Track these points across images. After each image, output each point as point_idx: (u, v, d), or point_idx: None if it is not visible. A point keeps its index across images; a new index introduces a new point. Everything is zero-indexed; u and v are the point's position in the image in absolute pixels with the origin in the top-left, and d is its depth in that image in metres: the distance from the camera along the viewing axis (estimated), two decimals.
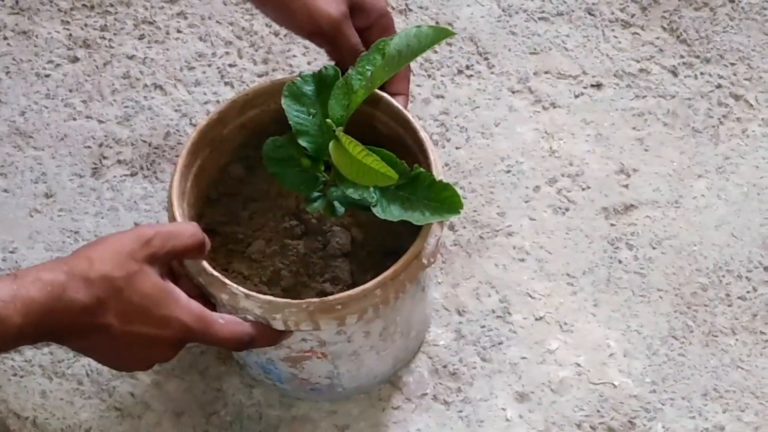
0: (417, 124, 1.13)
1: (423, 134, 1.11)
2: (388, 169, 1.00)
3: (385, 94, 1.14)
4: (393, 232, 1.13)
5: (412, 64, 1.40)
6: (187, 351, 1.24)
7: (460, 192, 1.24)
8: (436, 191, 1.05)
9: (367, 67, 1.04)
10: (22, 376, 1.24)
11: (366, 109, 1.12)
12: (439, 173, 1.08)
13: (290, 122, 1.06)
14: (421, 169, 1.05)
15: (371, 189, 1.04)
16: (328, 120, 1.03)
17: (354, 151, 1.00)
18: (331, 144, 1.02)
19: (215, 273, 1.05)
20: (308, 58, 1.43)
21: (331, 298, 1.04)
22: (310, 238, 1.14)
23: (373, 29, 1.18)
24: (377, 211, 1.04)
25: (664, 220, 1.32)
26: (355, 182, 1.03)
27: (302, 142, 1.06)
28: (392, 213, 1.04)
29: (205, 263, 1.05)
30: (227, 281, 1.04)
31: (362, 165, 1.00)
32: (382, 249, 1.14)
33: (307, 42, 1.36)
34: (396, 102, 1.14)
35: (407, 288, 1.06)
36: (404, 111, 1.14)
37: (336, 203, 1.09)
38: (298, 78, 1.07)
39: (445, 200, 1.04)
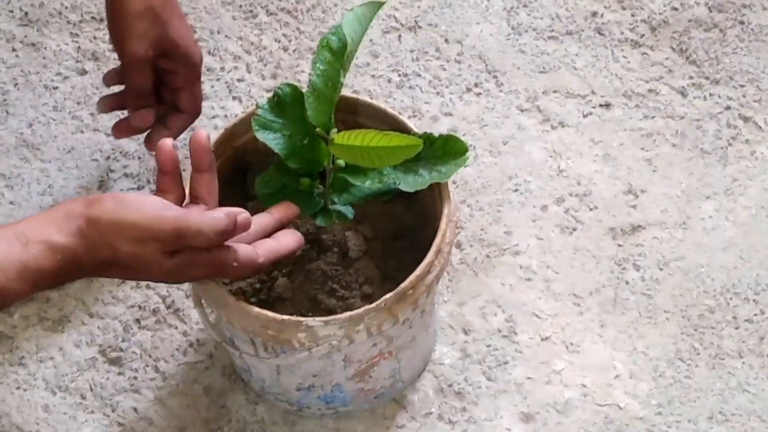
0: (393, 110, 1.14)
1: (402, 117, 1.13)
2: (410, 138, 1.00)
3: (359, 97, 1.15)
4: (393, 216, 1.16)
5: (422, 82, 1.42)
6: (191, 367, 1.24)
7: (467, 210, 1.30)
8: (439, 146, 1.06)
9: (322, 67, 1.04)
10: (25, 390, 1.24)
11: (346, 117, 1.13)
12: None
13: (275, 151, 1.06)
14: (417, 132, 1.08)
15: (385, 173, 1.05)
16: (318, 129, 1.03)
17: (366, 140, 1.00)
18: (332, 149, 1.03)
19: (285, 317, 1.03)
20: None
21: (402, 285, 1.04)
22: (326, 255, 1.14)
23: (179, 76, 1.24)
24: (405, 186, 1.05)
25: (671, 242, 1.31)
26: (367, 172, 1.04)
27: (293, 164, 1.06)
28: (417, 183, 1.06)
29: (266, 312, 1.04)
30: (300, 318, 1.03)
31: (381, 148, 1.00)
32: (390, 236, 1.16)
33: None
34: (372, 100, 1.15)
35: (451, 249, 1.08)
36: (380, 104, 1.15)
37: (342, 208, 1.10)
38: (259, 109, 1.07)
39: (450, 150, 1.06)
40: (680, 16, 1.47)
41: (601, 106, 1.42)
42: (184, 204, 1.01)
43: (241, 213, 0.98)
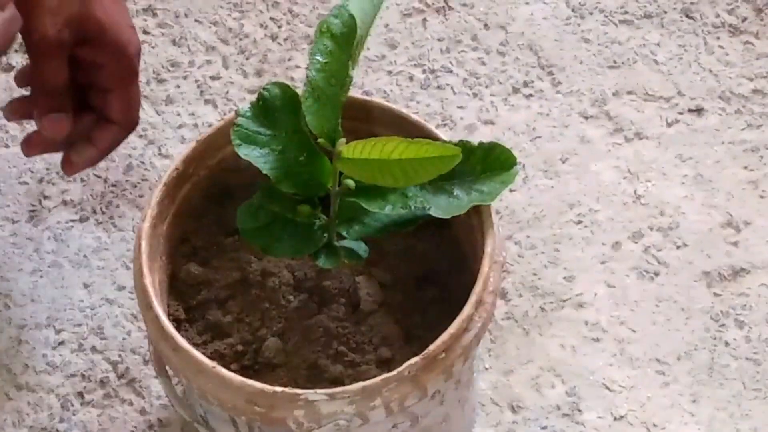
0: (418, 117, 1.08)
1: (430, 126, 1.07)
2: (445, 147, 0.92)
3: (373, 100, 1.10)
4: (418, 256, 1.09)
5: (455, 81, 1.36)
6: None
7: (515, 249, 1.26)
8: (479, 159, 1.00)
9: (321, 59, 0.97)
10: None
11: (355, 126, 1.05)
12: None
13: (264, 171, 0.99)
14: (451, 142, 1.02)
15: (410, 194, 0.98)
16: (320, 140, 0.95)
17: (386, 152, 0.92)
18: (338, 165, 0.95)
19: (277, 389, 0.95)
20: None
21: (432, 347, 0.96)
22: (330, 307, 1.05)
23: (107, 72, 1.12)
24: (437, 212, 0.99)
25: None
26: (387, 194, 0.97)
27: (287, 189, 0.98)
28: (452, 207, 0.99)
29: (253, 383, 0.96)
30: (297, 391, 0.95)
31: (407, 160, 0.93)
32: (414, 282, 1.08)
33: None
34: (390, 104, 1.09)
35: (495, 300, 1.02)
36: (400, 108, 1.08)
37: (353, 245, 1.01)
38: (239, 117, 1.00)
39: (493, 163, 1.00)
40: None
41: (690, 111, 1.33)
42: None
43: None
